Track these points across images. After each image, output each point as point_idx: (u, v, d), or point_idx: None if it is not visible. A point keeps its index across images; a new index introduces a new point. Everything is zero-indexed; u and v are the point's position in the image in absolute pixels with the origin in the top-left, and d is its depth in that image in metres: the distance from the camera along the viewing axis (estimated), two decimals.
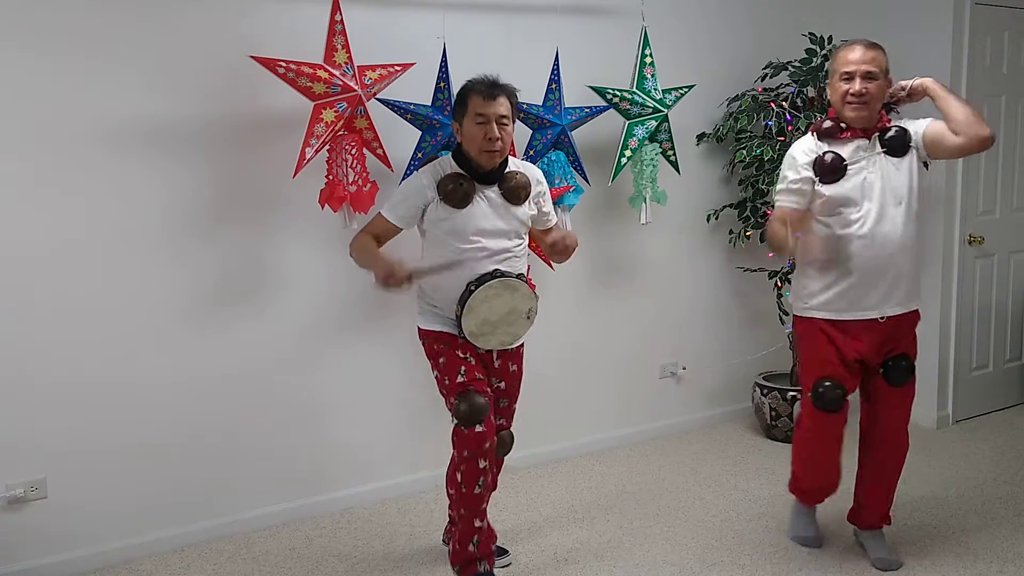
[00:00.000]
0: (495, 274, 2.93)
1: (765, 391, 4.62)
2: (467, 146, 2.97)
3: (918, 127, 3.13)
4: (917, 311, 3.22)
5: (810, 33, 4.46)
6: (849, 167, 3.07)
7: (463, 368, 2.99)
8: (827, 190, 3.08)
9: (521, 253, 3.07)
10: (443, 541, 3.45)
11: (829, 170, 3.08)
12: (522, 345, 3.20)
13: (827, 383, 3.13)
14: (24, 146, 3.09)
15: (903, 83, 3.17)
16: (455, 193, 2.93)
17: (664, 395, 4.74)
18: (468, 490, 2.97)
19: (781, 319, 4.64)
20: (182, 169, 3.36)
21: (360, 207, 3.46)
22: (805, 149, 3.15)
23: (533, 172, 3.13)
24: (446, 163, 3.02)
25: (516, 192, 3.02)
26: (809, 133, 3.20)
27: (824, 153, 3.09)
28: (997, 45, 4.71)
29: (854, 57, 3.05)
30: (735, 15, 4.68)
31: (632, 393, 4.61)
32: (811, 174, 3.10)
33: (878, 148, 3.09)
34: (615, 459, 4.39)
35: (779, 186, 3.20)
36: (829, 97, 3.18)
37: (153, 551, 3.43)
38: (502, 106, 2.94)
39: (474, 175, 2.97)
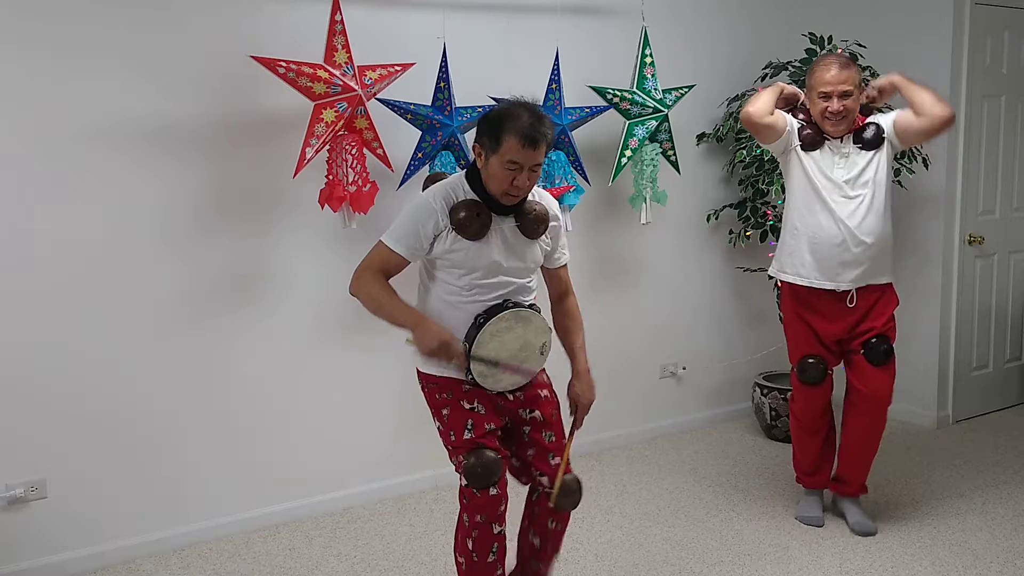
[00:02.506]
0: (506, 305, 2.58)
1: (765, 391, 4.62)
2: (487, 181, 2.54)
3: (887, 119, 3.42)
4: (891, 293, 3.56)
5: (810, 33, 4.46)
6: (826, 152, 3.42)
7: (470, 421, 2.61)
8: (806, 159, 3.43)
9: (533, 288, 2.72)
10: None
11: (810, 140, 3.44)
12: (544, 370, 2.79)
13: (810, 360, 3.54)
14: (24, 146, 3.09)
15: (874, 84, 3.46)
16: (469, 224, 2.53)
17: (664, 395, 4.74)
18: (481, 559, 2.62)
19: (781, 319, 4.63)
20: (182, 169, 3.36)
21: (360, 207, 3.46)
22: (794, 120, 3.51)
23: (552, 205, 2.72)
24: (458, 186, 2.59)
25: (535, 225, 2.62)
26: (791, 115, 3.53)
27: (807, 126, 3.45)
28: (997, 45, 4.71)
29: (830, 77, 3.32)
30: (735, 15, 4.68)
31: (632, 393, 4.61)
32: (795, 128, 3.45)
33: (849, 147, 3.40)
34: (615, 459, 4.39)
35: None
36: (808, 106, 3.47)
37: (153, 551, 3.43)
38: (540, 154, 2.50)
39: (489, 204, 2.57)
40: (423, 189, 3.16)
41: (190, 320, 3.44)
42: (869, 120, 3.44)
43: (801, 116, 3.49)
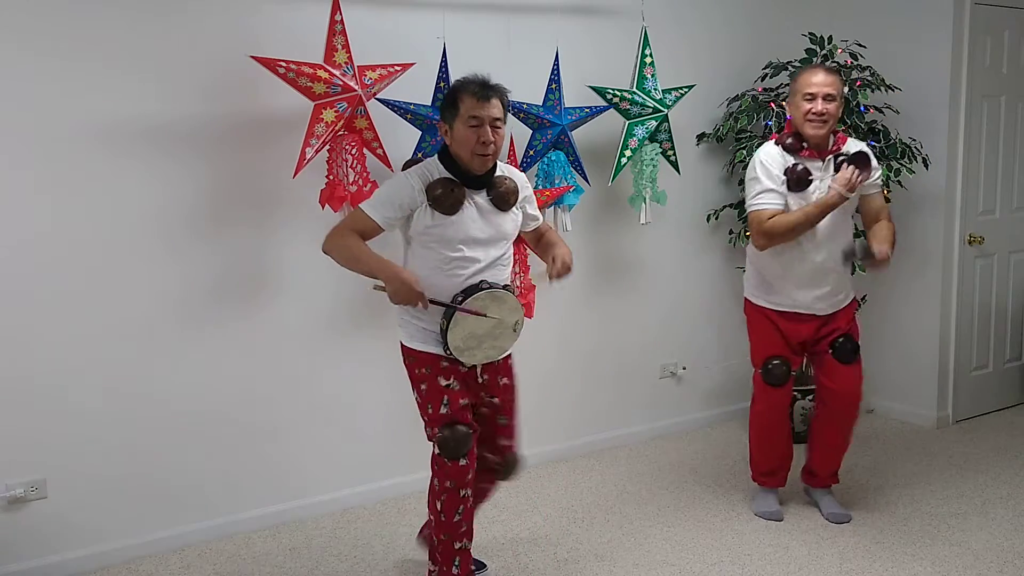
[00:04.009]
0: (481, 286, 2.80)
1: None
2: (457, 149, 2.80)
3: (869, 182, 3.42)
4: (853, 300, 3.63)
5: (810, 33, 4.46)
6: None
7: (446, 397, 2.85)
8: (790, 199, 3.40)
9: (507, 262, 2.94)
10: (419, 540, 3.29)
11: (797, 180, 3.38)
12: (510, 356, 3.03)
13: (775, 361, 3.57)
14: (24, 146, 3.09)
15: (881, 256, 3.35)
16: (445, 199, 2.76)
17: (664, 395, 4.74)
18: (448, 518, 2.89)
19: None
20: (182, 169, 3.36)
21: None
22: (775, 156, 3.42)
23: (519, 177, 2.99)
24: (433, 166, 2.84)
25: (506, 197, 2.86)
26: (772, 142, 3.47)
27: (795, 164, 3.39)
28: (997, 45, 4.71)
29: (816, 80, 3.37)
30: (735, 15, 4.68)
31: (632, 393, 4.61)
32: (783, 178, 3.40)
33: (831, 170, 3.40)
34: (615, 459, 4.39)
35: (759, 188, 3.41)
36: (790, 114, 3.47)
37: (153, 551, 3.43)
38: (496, 108, 2.78)
39: (463, 179, 2.81)
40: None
41: (190, 320, 3.43)
42: (849, 146, 3.43)
43: (789, 140, 3.40)
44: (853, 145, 3.48)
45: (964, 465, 4.25)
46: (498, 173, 2.89)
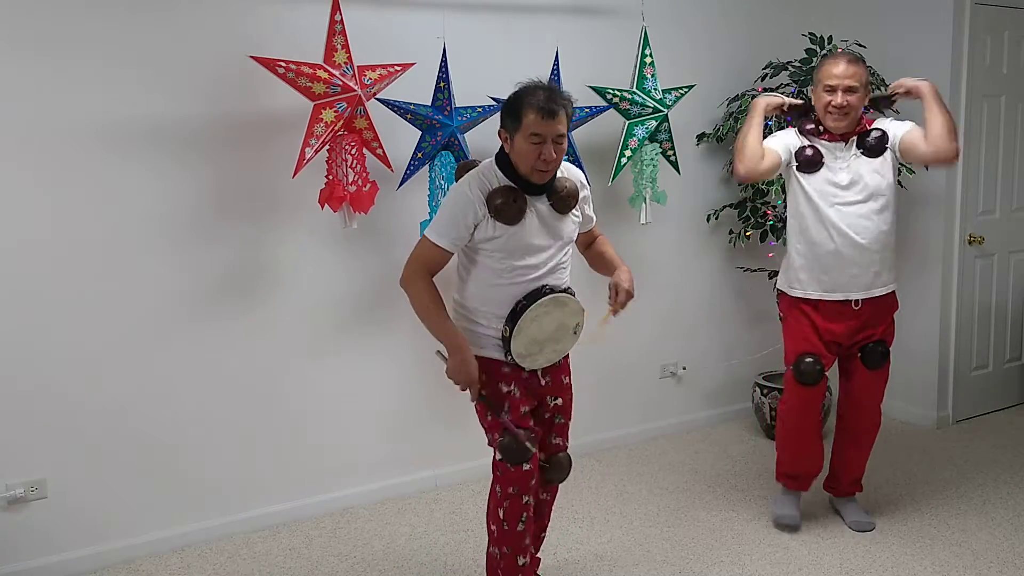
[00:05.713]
0: (544, 291, 2.74)
1: (765, 391, 4.62)
2: (516, 160, 2.68)
3: (898, 130, 3.39)
4: (893, 298, 3.55)
5: (810, 33, 4.46)
6: (826, 165, 3.38)
7: (507, 404, 2.77)
8: (804, 179, 3.41)
9: (567, 263, 2.87)
10: None
11: (808, 162, 3.39)
12: (568, 355, 2.98)
13: (808, 359, 3.45)
14: (24, 146, 3.09)
15: (907, 83, 3.39)
16: (507, 209, 2.67)
17: (664, 395, 4.74)
18: (511, 527, 2.78)
19: (780, 318, 4.63)
20: (181, 169, 3.36)
21: (360, 207, 3.46)
22: (788, 133, 3.49)
23: (578, 176, 2.89)
24: (490, 172, 2.72)
25: (567, 201, 2.79)
26: (791, 130, 3.50)
27: (806, 146, 3.40)
28: (997, 45, 4.71)
29: (837, 71, 3.31)
30: (735, 15, 4.68)
31: (632, 393, 4.61)
32: (792, 153, 3.41)
33: (854, 151, 3.37)
34: (615, 459, 4.39)
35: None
36: (813, 103, 3.44)
37: (153, 551, 3.43)
38: (560, 124, 2.64)
39: (522, 186, 2.71)
40: (455, 179, 3.24)
41: (190, 320, 3.44)
42: (876, 125, 3.40)
43: (809, 126, 3.42)
44: (881, 125, 3.40)
45: (964, 465, 4.25)
46: (559, 176, 2.80)
